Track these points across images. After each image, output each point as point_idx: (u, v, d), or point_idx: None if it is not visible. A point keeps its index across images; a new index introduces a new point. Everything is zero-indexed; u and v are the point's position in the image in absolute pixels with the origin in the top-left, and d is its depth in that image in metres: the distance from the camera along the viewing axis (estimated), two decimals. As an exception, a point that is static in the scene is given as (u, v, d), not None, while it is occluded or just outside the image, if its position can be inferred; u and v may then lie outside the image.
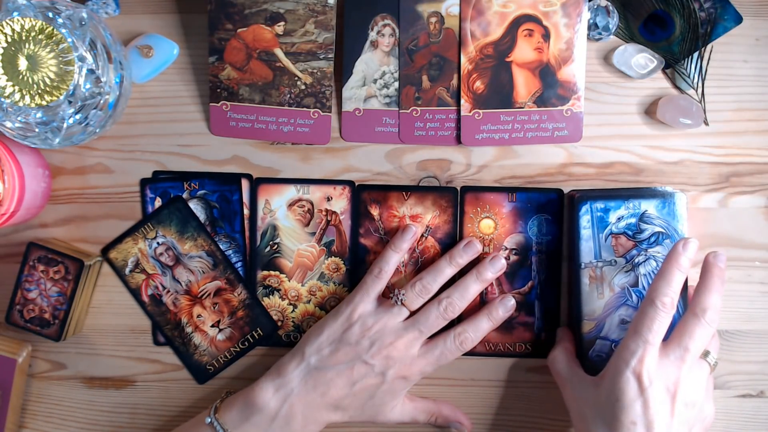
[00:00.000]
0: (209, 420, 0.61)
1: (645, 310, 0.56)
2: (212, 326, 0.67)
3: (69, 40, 0.56)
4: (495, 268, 0.64)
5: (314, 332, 0.63)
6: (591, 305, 0.63)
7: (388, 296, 0.64)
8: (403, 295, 0.63)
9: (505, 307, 0.65)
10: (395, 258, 0.64)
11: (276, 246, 0.67)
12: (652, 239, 0.63)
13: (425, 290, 0.63)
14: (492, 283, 0.66)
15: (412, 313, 0.63)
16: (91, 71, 0.58)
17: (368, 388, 0.62)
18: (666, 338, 0.57)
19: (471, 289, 0.64)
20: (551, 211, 0.66)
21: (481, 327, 0.64)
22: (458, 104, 0.66)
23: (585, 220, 0.63)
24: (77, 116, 0.59)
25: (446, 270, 0.64)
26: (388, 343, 0.62)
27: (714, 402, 0.61)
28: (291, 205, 0.67)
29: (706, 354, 0.60)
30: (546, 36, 0.64)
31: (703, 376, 0.59)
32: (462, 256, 0.64)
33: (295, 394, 0.61)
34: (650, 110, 0.67)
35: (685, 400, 0.56)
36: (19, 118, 0.58)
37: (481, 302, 0.66)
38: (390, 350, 0.62)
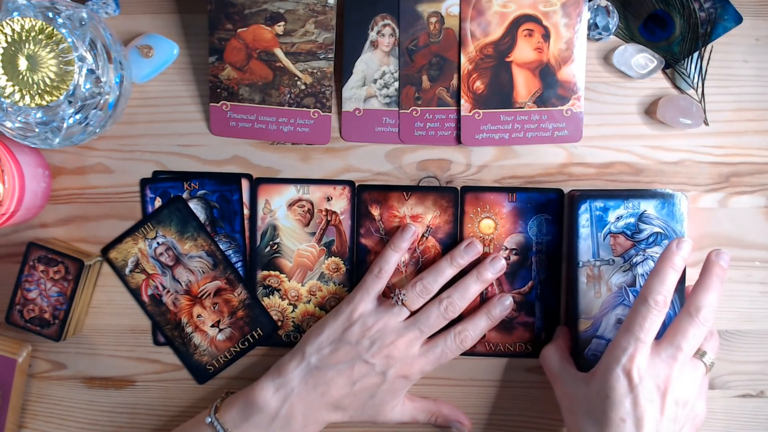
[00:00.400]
0: (209, 420, 0.61)
1: (637, 309, 0.56)
2: (212, 326, 0.67)
3: (69, 40, 0.57)
4: (495, 269, 0.65)
5: (314, 332, 0.63)
6: (588, 304, 0.63)
7: (388, 296, 0.64)
8: (404, 295, 0.63)
9: (503, 305, 0.65)
10: (395, 257, 0.64)
11: (276, 246, 0.67)
12: (651, 239, 0.63)
13: (426, 290, 0.63)
14: (492, 283, 0.66)
15: (413, 313, 0.63)
16: (91, 71, 0.58)
17: (369, 387, 0.62)
18: (660, 337, 0.58)
19: (471, 289, 0.64)
20: (551, 211, 0.66)
21: (480, 326, 0.64)
22: (458, 104, 0.66)
23: (584, 218, 0.63)
24: (77, 116, 0.59)
25: (447, 270, 0.64)
26: (389, 343, 0.62)
27: (707, 402, 0.61)
28: (291, 205, 0.67)
29: (702, 354, 0.60)
30: (546, 36, 0.64)
31: (696, 375, 0.59)
32: (463, 257, 0.64)
33: (296, 394, 0.61)
34: (650, 110, 0.67)
35: (676, 399, 0.56)
36: (19, 118, 0.58)
37: (481, 302, 0.66)
38: (390, 350, 0.62)
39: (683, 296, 0.63)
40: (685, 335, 0.57)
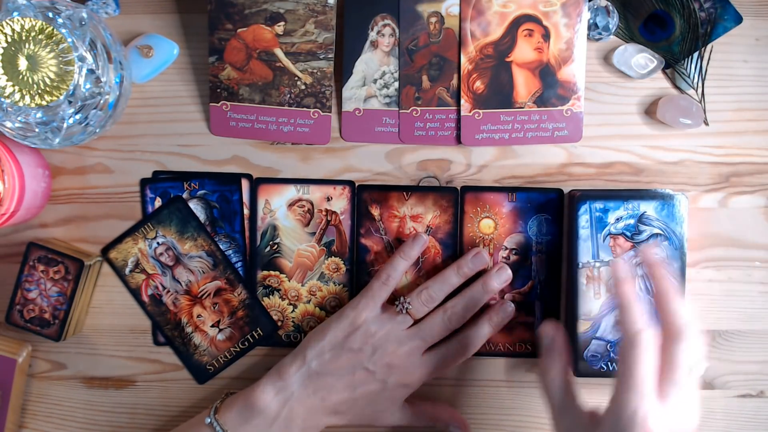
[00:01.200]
0: (209, 420, 0.61)
1: (629, 356, 0.51)
2: (212, 326, 0.67)
3: (69, 40, 0.56)
4: (501, 279, 0.64)
5: (316, 335, 0.63)
6: (587, 305, 0.63)
7: (392, 302, 0.64)
8: (409, 303, 0.63)
9: (504, 312, 0.65)
10: (403, 265, 0.64)
11: (276, 246, 0.67)
12: (651, 241, 0.63)
13: (431, 300, 0.63)
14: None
15: (416, 321, 0.63)
16: (91, 71, 0.58)
17: (369, 394, 0.62)
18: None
19: (476, 300, 0.64)
20: (551, 211, 0.66)
21: (482, 333, 0.64)
22: (458, 104, 0.65)
23: (584, 219, 0.63)
24: (77, 116, 0.59)
25: (453, 279, 0.64)
26: (391, 351, 0.62)
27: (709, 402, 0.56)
28: (291, 205, 0.67)
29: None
30: (546, 36, 0.64)
31: (695, 395, 0.53)
32: (469, 267, 0.64)
33: (296, 398, 0.61)
34: (650, 110, 0.67)
35: None
36: (19, 118, 0.58)
37: (482, 307, 0.66)
38: (392, 358, 0.62)
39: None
40: (681, 365, 0.51)
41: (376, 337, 0.62)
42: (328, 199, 0.67)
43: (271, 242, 0.67)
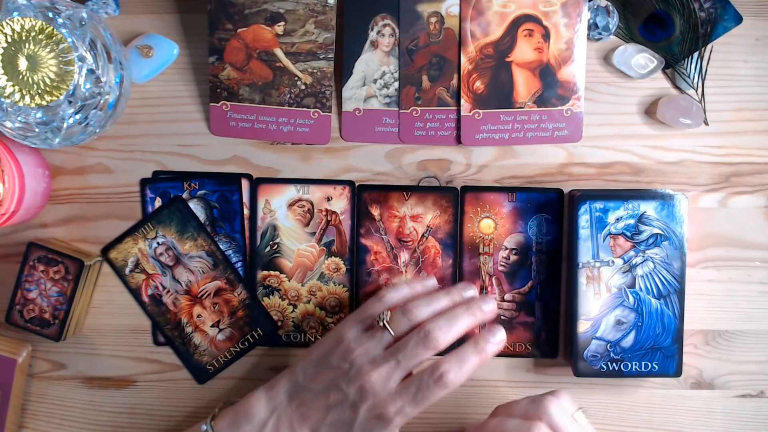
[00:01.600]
0: (205, 428, 0.60)
1: None
2: (212, 326, 0.67)
3: (69, 40, 0.57)
4: (487, 306, 0.60)
5: (310, 349, 0.61)
6: (587, 305, 0.63)
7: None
8: (388, 315, 0.58)
9: (494, 337, 0.58)
10: (405, 292, 0.61)
11: (276, 246, 0.67)
12: (650, 241, 0.63)
13: (413, 313, 0.58)
14: (492, 283, 0.66)
15: (397, 340, 0.58)
16: (91, 71, 0.58)
17: (342, 421, 0.57)
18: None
19: (459, 319, 0.58)
20: (551, 211, 0.66)
21: (466, 361, 0.56)
22: (458, 104, 0.66)
23: (584, 219, 0.63)
24: (77, 116, 0.59)
25: (441, 300, 0.60)
26: (365, 372, 0.56)
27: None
28: (291, 205, 0.67)
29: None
30: (546, 36, 0.64)
31: None
32: (458, 294, 0.61)
33: (282, 409, 0.59)
34: (650, 110, 0.67)
35: None
36: (19, 118, 0.58)
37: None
38: (364, 381, 0.56)
39: (682, 299, 0.63)
40: (566, 426, 0.54)
41: (354, 354, 0.57)
42: (328, 199, 0.67)
43: (271, 242, 0.67)
